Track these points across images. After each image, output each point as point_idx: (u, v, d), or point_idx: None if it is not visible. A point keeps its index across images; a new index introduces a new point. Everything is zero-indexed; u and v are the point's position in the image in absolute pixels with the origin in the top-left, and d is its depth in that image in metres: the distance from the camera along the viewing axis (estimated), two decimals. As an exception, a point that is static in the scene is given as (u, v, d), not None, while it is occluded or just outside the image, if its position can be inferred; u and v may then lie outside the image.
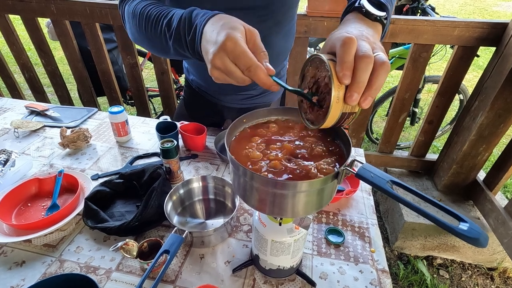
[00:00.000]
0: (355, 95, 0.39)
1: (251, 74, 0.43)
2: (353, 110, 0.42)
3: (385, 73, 0.39)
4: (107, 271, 0.65)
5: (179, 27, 0.52)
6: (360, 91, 0.39)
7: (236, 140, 0.53)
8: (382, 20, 0.52)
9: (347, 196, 0.84)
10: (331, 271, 0.66)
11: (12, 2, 1.62)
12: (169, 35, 0.55)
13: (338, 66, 0.39)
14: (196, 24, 0.50)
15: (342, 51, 0.39)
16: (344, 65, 0.38)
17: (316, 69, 0.45)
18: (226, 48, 0.43)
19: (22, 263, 0.66)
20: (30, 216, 0.76)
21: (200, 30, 0.49)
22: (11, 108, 1.23)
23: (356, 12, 0.52)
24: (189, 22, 0.51)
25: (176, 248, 0.60)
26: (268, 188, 0.44)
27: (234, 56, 0.43)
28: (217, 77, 0.46)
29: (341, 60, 0.39)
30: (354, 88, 0.38)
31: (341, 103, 0.40)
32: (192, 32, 0.50)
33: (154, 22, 0.57)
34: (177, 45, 0.55)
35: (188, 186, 0.79)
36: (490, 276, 1.58)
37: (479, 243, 0.31)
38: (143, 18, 0.60)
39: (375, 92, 0.40)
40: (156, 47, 0.61)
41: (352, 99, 0.39)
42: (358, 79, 0.38)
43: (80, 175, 0.85)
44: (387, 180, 0.37)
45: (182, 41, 0.53)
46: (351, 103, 0.39)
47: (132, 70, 1.76)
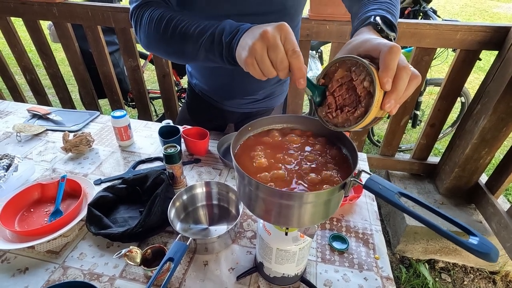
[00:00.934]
0: (393, 102, 0.40)
1: (295, 56, 0.45)
2: (382, 115, 0.43)
3: (416, 85, 0.42)
4: (110, 278, 0.65)
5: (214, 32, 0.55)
6: (397, 98, 0.40)
7: (241, 148, 0.53)
8: (392, 40, 0.53)
9: (351, 202, 0.83)
10: (335, 279, 0.66)
11: (14, 5, 1.62)
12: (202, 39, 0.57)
13: (383, 71, 0.40)
14: (239, 28, 0.53)
15: (390, 58, 0.40)
16: (390, 72, 0.39)
17: (346, 71, 0.44)
18: (283, 27, 0.46)
19: (25, 270, 0.66)
20: (33, 222, 0.76)
21: (244, 30, 0.51)
22: (13, 111, 1.22)
23: (370, 27, 0.53)
24: (230, 26, 0.54)
25: (181, 256, 0.59)
26: (274, 199, 0.44)
27: (286, 36, 0.46)
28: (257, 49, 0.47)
29: (387, 67, 0.40)
30: (393, 96, 0.40)
31: (378, 108, 0.41)
32: (233, 34, 0.53)
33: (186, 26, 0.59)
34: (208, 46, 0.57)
35: (192, 192, 0.79)
36: (492, 279, 1.57)
37: (490, 258, 0.30)
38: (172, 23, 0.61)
39: (403, 100, 0.42)
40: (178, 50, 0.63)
41: (389, 105, 0.40)
42: (398, 88, 0.40)
43: (83, 180, 0.85)
44: (396, 192, 0.37)
45: (215, 43, 0.55)
46: (387, 109, 0.40)
47: (133, 73, 1.76)
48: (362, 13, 0.58)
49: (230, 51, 0.53)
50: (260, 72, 0.49)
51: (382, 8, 0.57)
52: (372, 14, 0.55)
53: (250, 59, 0.48)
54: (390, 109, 0.41)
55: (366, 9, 0.59)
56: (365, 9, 0.59)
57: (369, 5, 0.60)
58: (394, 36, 0.54)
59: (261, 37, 0.46)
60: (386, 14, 0.55)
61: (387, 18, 0.54)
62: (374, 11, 0.56)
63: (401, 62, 0.40)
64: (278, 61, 0.46)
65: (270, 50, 0.46)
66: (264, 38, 0.46)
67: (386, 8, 0.57)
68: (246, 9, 0.72)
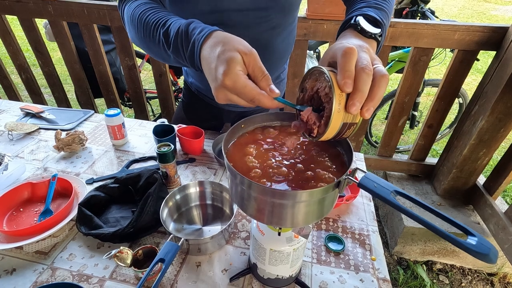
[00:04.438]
0: (357, 103, 0.38)
1: (255, 104, 0.43)
2: (354, 120, 0.41)
3: (385, 84, 0.39)
4: (100, 279, 0.63)
5: (176, 40, 0.52)
6: (361, 100, 0.38)
7: (234, 146, 0.51)
8: (377, 38, 0.52)
9: (347, 202, 0.82)
10: (331, 280, 0.65)
11: (9, 3, 1.60)
12: (168, 45, 0.54)
13: (339, 74, 0.39)
14: (194, 40, 0.49)
15: (344, 61, 0.39)
16: (346, 74, 0.38)
17: (315, 81, 0.44)
18: (226, 86, 0.42)
19: (12, 271, 0.64)
20: (22, 222, 0.74)
21: (198, 49, 0.48)
22: (6, 110, 1.21)
23: (351, 29, 0.52)
24: (185, 36, 0.50)
25: (172, 257, 0.58)
26: (267, 198, 0.43)
27: (236, 92, 0.43)
28: (222, 100, 0.45)
29: (343, 68, 0.39)
30: (356, 97, 0.38)
31: (342, 113, 0.39)
32: (190, 48, 0.49)
33: (152, 30, 0.56)
34: (176, 55, 0.54)
35: (185, 192, 0.78)
36: (490, 281, 1.56)
37: (489, 259, 0.29)
38: (141, 24, 0.58)
39: (376, 103, 0.40)
40: (156, 54, 0.61)
41: (355, 108, 0.38)
42: (360, 88, 0.38)
43: (74, 180, 0.83)
44: (391, 191, 0.36)
45: (180, 53, 0.52)
46: (353, 112, 0.39)
47: (130, 72, 1.74)
48: (348, 13, 0.58)
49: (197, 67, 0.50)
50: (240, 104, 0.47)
51: (369, 5, 0.56)
52: (355, 14, 0.54)
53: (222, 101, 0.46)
54: (356, 111, 0.39)
55: (353, 8, 0.58)
56: (352, 8, 0.59)
57: (357, 3, 0.59)
58: (380, 32, 0.52)
59: (217, 97, 0.44)
60: (370, 12, 0.54)
61: (369, 15, 0.53)
62: (359, 10, 0.56)
63: (360, 62, 0.39)
64: (249, 101, 0.44)
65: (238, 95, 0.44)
66: (219, 98, 0.44)
67: (374, 4, 0.57)
68: (239, 5, 0.70)
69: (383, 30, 0.53)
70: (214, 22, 0.72)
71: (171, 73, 2.28)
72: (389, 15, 0.59)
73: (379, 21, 0.53)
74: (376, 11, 0.55)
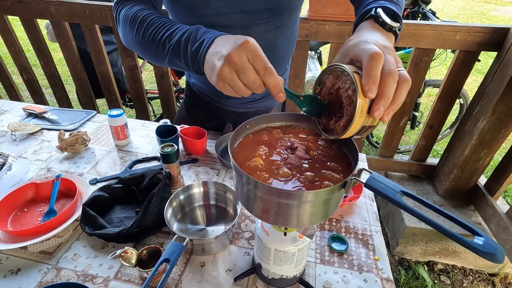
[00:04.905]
0: (382, 108, 0.39)
1: (266, 74, 0.43)
2: (372, 123, 0.42)
3: (407, 89, 0.40)
4: (105, 279, 0.63)
5: (180, 39, 0.53)
6: (386, 105, 0.39)
7: (240, 146, 0.52)
8: (396, 31, 0.52)
9: (350, 203, 0.82)
10: (334, 280, 0.65)
11: (11, 3, 1.60)
12: (169, 45, 0.55)
13: (364, 79, 0.39)
14: (204, 38, 0.50)
15: (370, 65, 0.39)
16: (371, 80, 0.38)
17: (336, 78, 0.44)
18: (247, 46, 0.43)
19: (17, 271, 0.64)
20: (26, 222, 0.74)
21: (209, 41, 0.49)
22: (8, 110, 1.21)
23: (372, 21, 0.52)
24: (194, 36, 0.52)
25: (177, 257, 0.58)
26: (273, 198, 0.43)
27: (253, 55, 0.43)
28: (225, 75, 0.45)
29: (368, 74, 0.39)
30: (382, 102, 0.39)
31: (364, 117, 0.40)
32: (198, 44, 0.50)
33: (155, 30, 0.58)
34: (174, 54, 0.55)
35: (189, 192, 0.78)
36: (492, 282, 1.57)
37: (496, 258, 0.29)
38: (143, 25, 0.59)
39: (397, 107, 0.40)
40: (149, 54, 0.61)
41: (378, 112, 0.39)
42: (386, 93, 0.38)
43: (78, 180, 0.83)
44: (398, 191, 0.36)
45: (181, 51, 0.53)
46: (377, 117, 0.39)
47: (131, 72, 1.75)
48: (364, 5, 0.57)
49: (197, 64, 0.51)
50: (235, 93, 0.47)
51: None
52: (374, 6, 0.53)
53: (221, 83, 0.46)
54: (380, 116, 0.40)
55: (369, 0, 0.57)
56: (367, 1, 0.58)
57: None
58: (399, 26, 0.52)
59: (227, 61, 0.44)
60: (388, 4, 0.53)
61: (389, 8, 0.52)
62: (376, 2, 0.55)
63: (387, 67, 0.39)
64: (250, 83, 0.44)
65: (240, 73, 0.44)
66: (231, 62, 0.43)
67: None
68: (242, 7, 0.71)
69: (401, 25, 0.53)
70: (218, 24, 0.72)
71: (172, 74, 2.28)
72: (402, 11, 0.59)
73: (398, 15, 0.53)
74: (393, 4, 0.54)
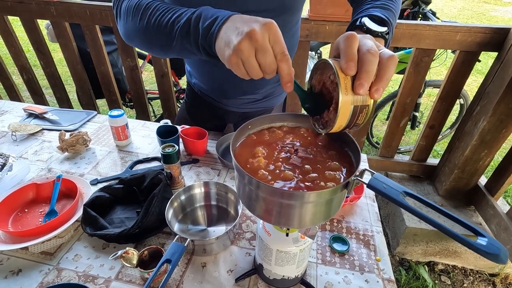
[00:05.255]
0: (365, 84, 0.38)
1: (284, 59, 0.43)
2: (364, 102, 0.40)
3: (393, 65, 0.39)
4: (106, 280, 0.63)
5: (190, 18, 0.51)
6: (368, 80, 0.38)
7: (242, 146, 0.52)
8: (384, 36, 0.53)
9: (351, 203, 0.82)
10: (336, 281, 0.65)
11: (11, 4, 1.60)
12: (178, 26, 0.53)
13: (342, 59, 0.39)
14: (217, 16, 0.48)
15: (346, 45, 0.39)
16: (348, 57, 0.38)
17: (321, 74, 0.44)
18: (272, 27, 0.43)
19: (18, 271, 0.64)
20: (27, 222, 0.74)
21: (224, 18, 0.47)
22: (9, 110, 1.21)
23: (358, 31, 0.53)
24: (206, 13, 0.50)
25: (178, 257, 0.58)
26: (275, 198, 0.43)
27: (275, 38, 0.43)
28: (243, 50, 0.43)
29: (344, 53, 0.39)
30: (363, 77, 0.38)
31: (351, 96, 0.39)
32: (211, 21, 0.48)
33: (162, 14, 0.56)
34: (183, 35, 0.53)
35: (190, 192, 0.78)
36: (492, 282, 1.57)
37: (499, 259, 0.29)
38: (148, 11, 0.58)
39: (385, 83, 0.39)
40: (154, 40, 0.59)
41: (362, 88, 0.38)
42: (366, 69, 0.38)
43: (79, 180, 0.83)
44: (400, 192, 0.36)
45: (191, 30, 0.51)
46: (361, 93, 0.38)
47: (132, 73, 1.75)
48: (354, 15, 0.58)
49: (208, 41, 0.49)
50: (245, 73, 0.46)
51: (375, 5, 0.57)
52: (360, 16, 0.55)
53: (235, 59, 0.44)
54: (365, 92, 0.39)
55: (359, 10, 0.59)
56: (358, 10, 0.59)
57: (364, 5, 0.60)
58: (386, 30, 0.53)
59: (249, 37, 0.42)
60: (375, 12, 0.54)
61: (375, 15, 0.53)
62: (365, 11, 0.56)
63: (364, 46, 0.39)
64: (266, 65, 0.44)
65: (259, 53, 0.43)
66: (253, 38, 0.42)
67: (381, 4, 0.57)
68: (243, 7, 0.70)
69: (389, 29, 0.54)
70: None
71: (172, 74, 2.28)
72: (396, 14, 0.59)
73: (385, 20, 0.54)
74: (382, 11, 0.55)
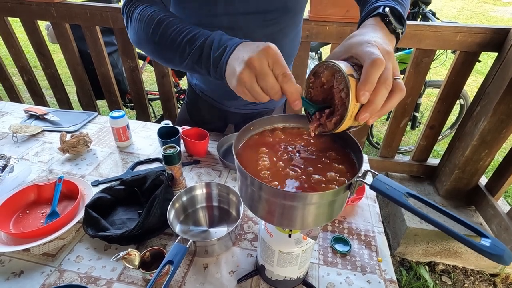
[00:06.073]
0: (368, 115, 0.40)
1: (285, 80, 0.44)
2: (359, 124, 0.43)
3: (400, 99, 0.41)
4: (108, 281, 0.63)
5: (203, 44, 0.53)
6: (374, 112, 0.40)
7: (244, 148, 0.52)
8: (399, 34, 0.52)
9: (353, 204, 0.82)
10: (338, 282, 0.65)
11: (11, 5, 1.60)
12: (190, 49, 0.54)
13: (361, 84, 0.39)
14: (227, 45, 0.50)
15: (370, 72, 0.39)
16: (368, 86, 0.38)
17: (332, 75, 0.44)
18: (269, 51, 0.44)
19: (20, 273, 0.64)
20: (28, 224, 0.74)
21: (233, 47, 0.49)
22: (9, 112, 1.21)
23: (378, 19, 0.52)
24: (218, 41, 0.52)
25: (180, 259, 0.58)
26: (277, 199, 0.43)
27: (274, 61, 0.44)
28: (245, 80, 0.45)
29: (367, 79, 0.39)
30: (369, 110, 0.39)
31: (352, 119, 0.41)
32: (221, 50, 0.50)
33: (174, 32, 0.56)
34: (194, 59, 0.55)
35: (191, 193, 0.78)
36: (493, 282, 1.57)
37: (503, 260, 0.29)
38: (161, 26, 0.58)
39: (383, 114, 0.41)
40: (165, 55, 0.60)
41: (363, 117, 0.40)
42: (376, 101, 0.39)
43: (80, 182, 0.83)
44: (403, 193, 0.36)
45: (203, 56, 0.53)
46: (361, 121, 0.40)
47: (132, 74, 1.75)
48: (371, 2, 0.57)
49: (218, 70, 0.51)
50: (253, 98, 0.47)
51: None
52: (382, 4, 0.53)
53: (240, 88, 0.46)
54: (364, 121, 0.41)
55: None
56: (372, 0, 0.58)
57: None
58: (402, 30, 0.52)
59: (247, 65, 0.44)
60: (395, 5, 0.53)
61: (396, 9, 0.52)
62: (384, 1, 0.55)
63: (384, 75, 0.39)
64: (268, 89, 0.45)
65: (259, 79, 0.44)
66: (251, 66, 0.44)
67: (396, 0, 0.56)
68: (248, 8, 0.71)
69: (404, 28, 0.53)
70: (224, 25, 0.72)
71: (172, 75, 2.28)
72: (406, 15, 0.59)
73: (403, 18, 0.53)
74: (399, 6, 0.54)
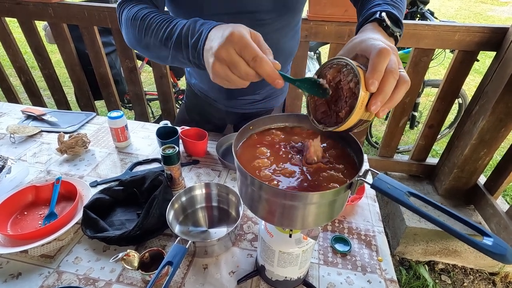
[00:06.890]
0: (379, 103, 0.39)
1: (256, 65, 0.42)
2: (368, 118, 0.42)
3: (406, 90, 0.41)
4: (107, 283, 0.62)
5: (181, 33, 0.52)
6: (384, 100, 0.39)
7: (243, 147, 0.51)
8: (397, 37, 0.53)
9: (353, 203, 0.82)
10: (338, 281, 0.65)
11: (8, 5, 1.59)
12: (171, 41, 0.54)
13: (370, 73, 0.39)
14: (202, 30, 0.50)
15: (378, 60, 0.39)
16: (376, 74, 0.39)
17: (338, 72, 0.44)
18: (233, 38, 0.42)
19: (18, 275, 0.63)
20: (26, 225, 0.73)
21: (206, 33, 0.48)
22: (7, 112, 1.20)
23: (376, 24, 0.52)
24: (193, 28, 0.51)
25: (180, 260, 0.58)
26: (278, 199, 0.43)
27: (240, 47, 0.42)
28: (218, 71, 0.45)
29: (375, 68, 0.39)
30: (380, 98, 0.39)
31: (362, 110, 0.40)
32: (197, 36, 0.50)
33: (156, 28, 0.57)
34: (176, 50, 0.54)
35: (191, 194, 0.77)
36: (492, 281, 1.57)
37: (506, 259, 0.29)
38: (144, 24, 0.58)
39: (393, 105, 0.41)
40: (153, 53, 0.61)
41: (375, 107, 0.39)
42: (385, 90, 0.39)
43: (79, 182, 0.82)
44: (405, 192, 0.36)
45: (182, 46, 0.52)
46: (373, 111, 0.40)
47: (130, 74, 1.74)
48: (368, 8, 0.57)
49: (197, 57, 0.51)
50: (234, 86, 0.47)
51: (387, 2, 0.56)
52: (378, 9, 0.54)
53: (217, 79, 0.46)
54: (376, 111, 0.40)
55: (372, 4, 0.58)
56: (370, 4, 0.58)
57: (374, 1, 0.59)
58: (400, 32, 0.53)
59: (216, 58, 0.44)
60: (392, 10, 0.54)
61: (392, 14, 0.53)
62: (380, 6, 0.55)
63: (390, 65, 0.40)
64: (243, 75, 0.44)
65: (231, 68, 0.44)
66: (220, 58, 0.43)
67: (392, 2, 0.57)
68: (247, 7, 0.70)
69: (402, 31, 0.54)
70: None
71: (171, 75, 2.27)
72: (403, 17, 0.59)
73: (400, 21, 0.54)
74: (395, 10, 0.55)
